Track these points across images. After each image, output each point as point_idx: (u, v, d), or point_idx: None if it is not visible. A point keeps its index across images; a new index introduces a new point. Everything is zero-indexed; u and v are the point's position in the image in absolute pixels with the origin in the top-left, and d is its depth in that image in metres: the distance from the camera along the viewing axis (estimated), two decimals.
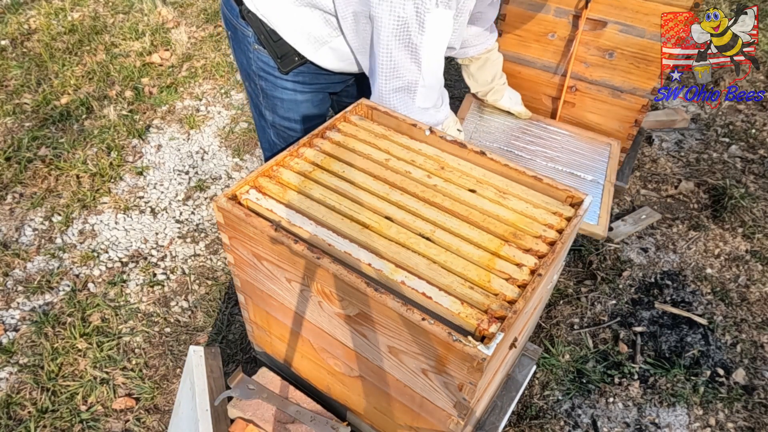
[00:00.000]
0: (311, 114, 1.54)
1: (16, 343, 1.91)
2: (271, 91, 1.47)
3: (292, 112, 1.51)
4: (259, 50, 1.39)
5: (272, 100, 1.49)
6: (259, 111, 1.57)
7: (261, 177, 1.14)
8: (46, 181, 2.53)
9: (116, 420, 1.72)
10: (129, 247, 2.27)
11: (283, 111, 1.51)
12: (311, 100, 1.50)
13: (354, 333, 1.04)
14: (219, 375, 1.38)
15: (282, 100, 1.48)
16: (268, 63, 1.40)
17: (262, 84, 1.47)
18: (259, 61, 1.41)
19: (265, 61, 1.40)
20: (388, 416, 1.18)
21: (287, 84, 1.44)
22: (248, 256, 1.14)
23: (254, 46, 1.39)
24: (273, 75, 1.43)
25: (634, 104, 2.19)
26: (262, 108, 1.54)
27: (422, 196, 1.12)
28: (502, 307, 0.90)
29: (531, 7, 2.15)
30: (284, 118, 1.53)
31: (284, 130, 1.56)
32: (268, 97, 1.49)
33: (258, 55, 1.40)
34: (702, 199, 2.58)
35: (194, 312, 2.05)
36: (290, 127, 1.55)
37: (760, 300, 2.14)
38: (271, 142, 1.64)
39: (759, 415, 1.78)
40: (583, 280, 2.20)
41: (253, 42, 1.38)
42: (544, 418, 1.77)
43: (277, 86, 1.45)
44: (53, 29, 3.54)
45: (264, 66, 1.42)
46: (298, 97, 1.48)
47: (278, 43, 1.35)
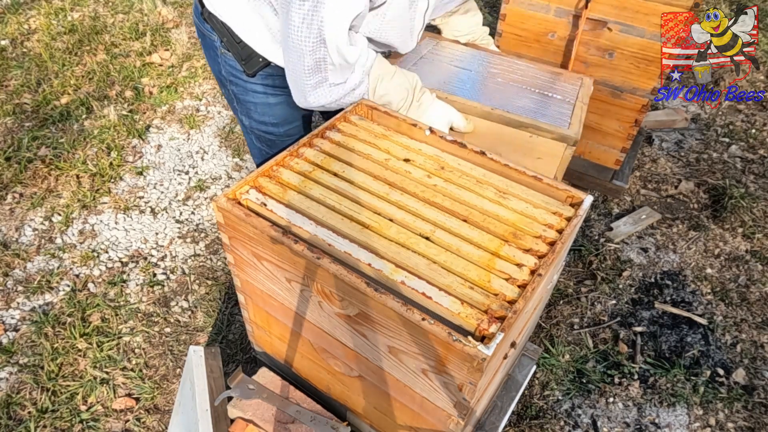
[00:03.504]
0: (288, 116, 1.49)
1: (16, 343, 1.91)
2: (243, 96, 1.44)
3: (266, 116, 1.47)
4: (226, 54, 1.36)
5: (245, 104, 1.46)
6: (238, 117, 1.54)
7: (261, 177, 1.14)
8: (46, 181, 2.53)
9: (116, 420, 1.72)
10: (129, 247, 2.27)
11: (257, 115, 1.47)
12: (285, 102, 1.44)
13: (354, 333, 1.04)
14: (219, 375, 1.38)
15: (254, 104, 1.44)
16: (235, 67, 1.37)
17: (233, 89, 1.44)
18: (227, 65, 1.39)
19: (232, 65, 1.37)
20: (388, 416, 1.18)
21: (257, 87, 1.40)
22: (248, 256, 1.14)
23: (221, 50, 1.36)
24: (242, 79, 1.39)
25: (634, 104, 2.19)
26: (239, 113, 1.51)
27: (422, 196, 1.12)
28: (502, 307, 0.90)
29: (531, 7, 2.16)
30: (260, 122, 1.49)
31: (263, 134, 1.53)
32: (241, 102, 1.46)
33: (225, 60, 1.38)
34: (702, 199, 2.58)
35: (194, 312, 2.05)
36: (268, 131, 1.51)
37: (760, 300, 2.14)
38: (256, 147, 1.61)
39: (759, 415, 1.79)
40: (583, 280, 2.21)
41: (219, 47, 1.36)
42: (544, 418, 1.77)
43: (248, 90, 1.42)
44: (53, 29, 3.54)
45: (232, 70, 1.39)
46: (270, 99, 1.43)
47: (240, 45, 1.32)
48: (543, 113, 1.47)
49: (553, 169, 1.33)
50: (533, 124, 1.40)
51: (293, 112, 1.48)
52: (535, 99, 1.54)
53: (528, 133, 1.41)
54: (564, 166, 1.41)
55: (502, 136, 1.40)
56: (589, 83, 1.66)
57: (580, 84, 1.65)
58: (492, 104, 1.46)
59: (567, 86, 1.63)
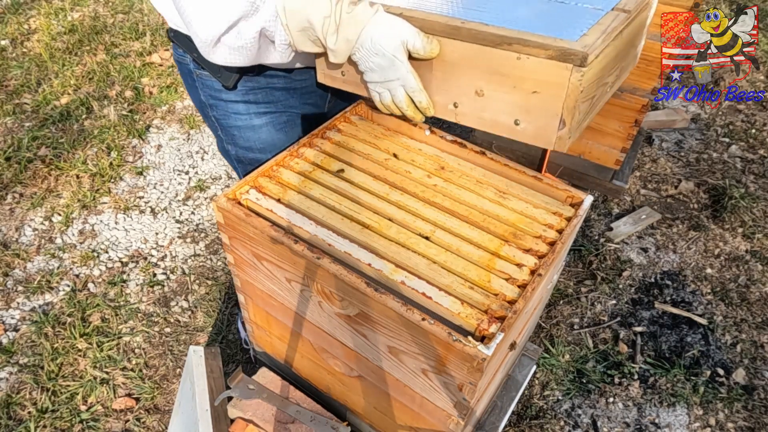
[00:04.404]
0: (275, 141, 1.32)
1: (16, 343, 1.91)
2: (225, 120, 1.29)
3: (252, 141, 1.31)
4: (202, 75, 1.23)
5: (229, 130, 1.31)
6: (223, 148, 1.40)
7: (261, 177, 1.14)
8: (46, 181, 2.53)
9: (116, 420, 1.72)
10: (129, 247, 2.27)
11: (242, 141, 1.32)
12: (272, 123, 1.29)
13: (354, 333, 1.04)
14: (219, 375, 1.38)
15: (238, 128, 1.30)
16: (213, 86, 1.23)
17: (214, 114, 1.30)
18: (205, 87, 1.25)
19: (210, 85, 1.23)
20: (388, 416, 1.18)
21: (239, 107, 1.26)
22: (248, 256, 1.14)
23: (196, 73, 1.23)
24: (222, 99, 1.25)
25: (634, 104, 2.19)
26: (224, 143, 1.37)
27: (422, 196, 1.12)
28: (502, 307, 0.90)
29: None
30: (246, 148, 1.33)
31: (251, 163, 1.36)
32: (224, 129, 1.32)
33: (203, 81, 1.24)
34: (702, 199, 2.58)
35: (194, 312, 2.05)
36: (255, 158, 1.34)
37: (760, 300, 2.13)
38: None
39: (759, 415, 1.78)
40: (583, 280, 2.20)
41: (193, 69, 1.23)
42: (544, 418, 1.77)
43: (229, 112, 1.27)
44: (53, 29, 3.54)
45: (211, 91, 1.25)
46: (254, 121, 1.28)
47: None
48: (543, 24, 0.98)
49: (556, 107, 0.93)
50: (518, 39, 0.91)
51: (280, 137, 1.34)
52: (544, 8, 1.05)
53: (515, 54, 0.92)
54: (574, 100, 0.91)
55: (478, 62, 0.97)
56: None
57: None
58: (466, 16, 1.00)
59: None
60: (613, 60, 1.03)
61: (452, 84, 1.01)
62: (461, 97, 1.02)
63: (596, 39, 0.90)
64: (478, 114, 1.02)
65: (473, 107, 1.02)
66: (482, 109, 1.01)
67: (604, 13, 1.00)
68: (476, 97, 1.00)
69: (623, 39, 1.03)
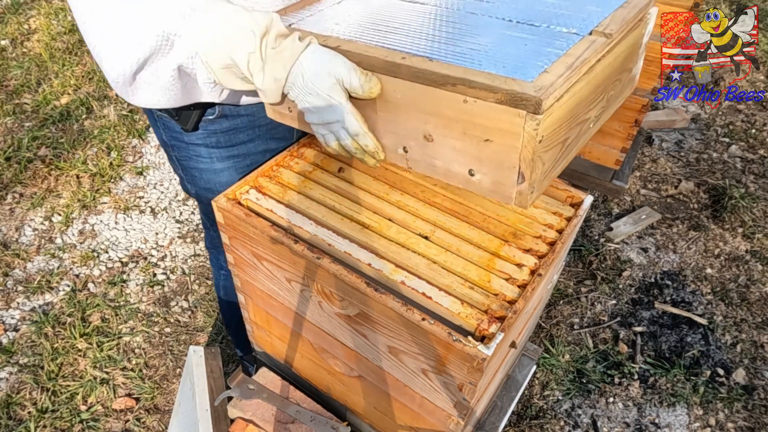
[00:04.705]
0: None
1: (16, 343, 1.91)
2: (186, 162, 1.23)
3: (212, 183, 1.25)
4: (161, 115, 1.16)
5: (190, 171, 1.25)
6: (184, 185, 1.34)
7: (261, 177, 1.14)
8: (46, 181, 2.53)
9: (116, 420, 1.72)
10: (129, 247, 2.27)
11: (203, 182, 1.26)
12: (234, 168, 1.22)
13: (354, 333, 1.04)
14: (219, 375, 1.38)
15: (199, 170, 1.23)
16: (174, 127, 1.16)
17: (176, 155, 1.23)
18: (166, 128, 1.19)
19: (170, 126, 1.17)
20: (388, 416, 1.18)
21: (201, 150, 1.19)
22: (248, 256, 1.14)
23: (156, 112, 1.16)
24: (183, 141, 1.18)
25: (634, 104, 2.19)
26: (185, 182, 1.31)
27: (422, 196, 1.12)
28: (502, 307, 0.90)
29: None
30: (206, 189, 1.27)
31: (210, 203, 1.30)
32: (185, 169, 1.26)
33: (163, 122, 1.17)
34: (702, 199, 2.58)
35: (194, 312, 2.05)
36: None
37: (760, 300, 2.13)
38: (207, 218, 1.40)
39: (759, 415, 1.78)
40: (583, 280, 2.21)
41: (154, 108, 1.14)
42: (544, 418, 1.77)
43: (190, 154, 1.21)
44: (53, 29, 3.54)
45: (172, 132, 1.18)
46: (216, 165, 1.21)
47: None
48: (502, 56, 0.80)
49: (511, 159, 0.76)
50: (462, 79, 0.75)
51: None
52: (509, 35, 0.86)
53: (461, 96, 0.77)
54: (531, 152, 0.74)
55: (423, 104, 0.82)
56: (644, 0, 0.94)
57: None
58: (413, 48, 0.84)
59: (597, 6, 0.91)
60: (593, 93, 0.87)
61: (399, 126, 0.87)
62: (409, 142, 0.87)
63: (557, 78, 0.73)
64: (429, 161, 0.88)
65: (423, 153, 0.88)
66: (432, 155, 0.87)
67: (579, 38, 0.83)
68: (425, 142, 0.85)
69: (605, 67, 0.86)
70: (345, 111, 0.86)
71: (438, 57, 0.80)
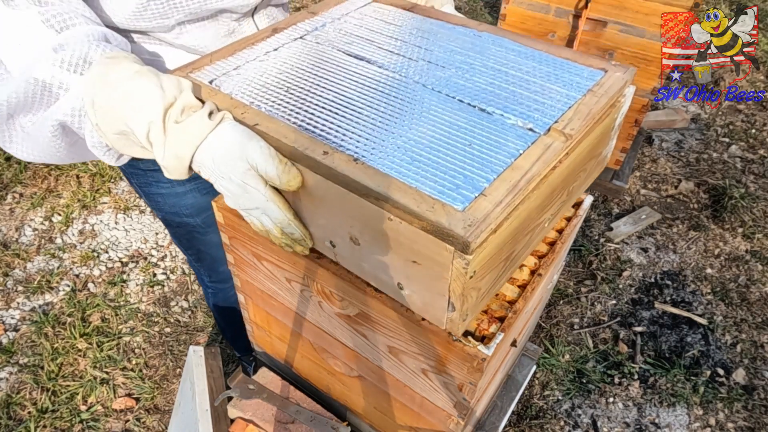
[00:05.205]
0: (202, 204, 1.23)
1: (16, 343, 1.91)
2: (147, 188, 1.18)
3: (178, 207, 1.22)
4: None
5: (152, 197, 1.20)
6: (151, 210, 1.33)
7: None
8: (46, 181, 2.53)
9: (116, 420, 1.72)
10: (129, 247, 2.27)
11: (168, 207, 1.22)
12: (197, 189, 1.19)
13: (354, 333, 1.04)
14: (219, 375, 1.38)
15: (161, 195, 1.19)
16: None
17: (135, 182, 1.19)
18: None
19: None
20: (388, 416, 1.18)
21: (158, 175, 1.12)
22: (248, 256, 1.14)
23: None
24: (139, 168, 1.13)
25: (634, 104, 2.19)
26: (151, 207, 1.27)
27: None
28: (502, 307, 0.90)
29: (531, 7, 2.16)
30: (172, 213, 1.24)
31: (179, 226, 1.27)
32: (147, 196, 1.21)
33: None
34: (702, 199, 2.58)
35: (194, 312, 2.05)
36: (183, 222, 1.25)
37: (760, 300, 2.14)
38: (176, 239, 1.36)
39: (759, 415, 1.79)
40: (583, 280, 2.21)
41: None
42: (544, 418, 1.77)
43: (150, 180, 1.15)
44: None
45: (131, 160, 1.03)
46: (177, 189, 1.17)
47: None
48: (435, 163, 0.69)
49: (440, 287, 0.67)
50: (385, 196, 0.65)
51: (206, 199, 1.23)
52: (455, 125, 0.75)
53: (386, 213, 0.66)
54: (461, 287, 0.64)
55: (347, 207, 0.71)
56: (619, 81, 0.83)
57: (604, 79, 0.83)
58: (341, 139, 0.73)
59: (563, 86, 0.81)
60: (547, 199, 0.76)
61: (325, 220, 0.77)
62: (336, 239, 0.78)
63: (494, 207, 0.62)
64: (357, 262, 0.80)
65: (351, 254, 0.79)
66: (360, 258, 0.77)
67: (534, 138, 0.72)
68: (352, 244, 0.75)
69: (564, 169, 0.75)
70: (264, 198, 0.74)
71: (365, 156, 0.69)
